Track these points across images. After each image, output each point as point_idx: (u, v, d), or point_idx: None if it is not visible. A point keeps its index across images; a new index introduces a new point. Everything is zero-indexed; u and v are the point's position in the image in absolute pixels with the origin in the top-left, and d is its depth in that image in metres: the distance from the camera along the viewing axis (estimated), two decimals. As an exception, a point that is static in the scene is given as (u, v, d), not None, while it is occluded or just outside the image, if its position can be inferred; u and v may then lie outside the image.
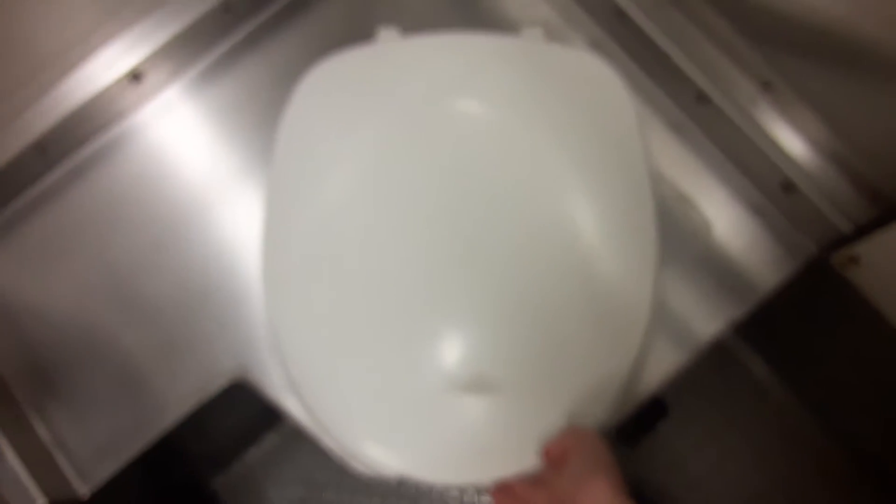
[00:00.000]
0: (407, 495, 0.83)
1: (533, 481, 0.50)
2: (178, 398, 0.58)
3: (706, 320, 0.57)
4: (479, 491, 0.83)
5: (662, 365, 0.56)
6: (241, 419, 0.83)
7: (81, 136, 0.61)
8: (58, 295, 0.60)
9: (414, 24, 0.61)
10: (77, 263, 0.61)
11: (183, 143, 0.63)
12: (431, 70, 0.58)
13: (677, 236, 0.58)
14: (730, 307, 0.57)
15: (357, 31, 0.61)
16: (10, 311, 0.60)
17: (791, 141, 0.55)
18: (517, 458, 0.50)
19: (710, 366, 0.82)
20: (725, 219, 0.59)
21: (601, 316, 0.53)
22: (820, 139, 0.54)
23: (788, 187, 0.55)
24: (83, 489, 0.56)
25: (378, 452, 0.52)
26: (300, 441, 0.84)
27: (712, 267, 0.57)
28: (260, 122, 0.63)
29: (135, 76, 0.59)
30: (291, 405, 0.56)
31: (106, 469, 0.57)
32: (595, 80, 0.57)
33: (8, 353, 0.59)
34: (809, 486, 0.83)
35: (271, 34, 0.65)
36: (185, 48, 0.61)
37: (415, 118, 0.57)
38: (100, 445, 0.57)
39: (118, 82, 0.59)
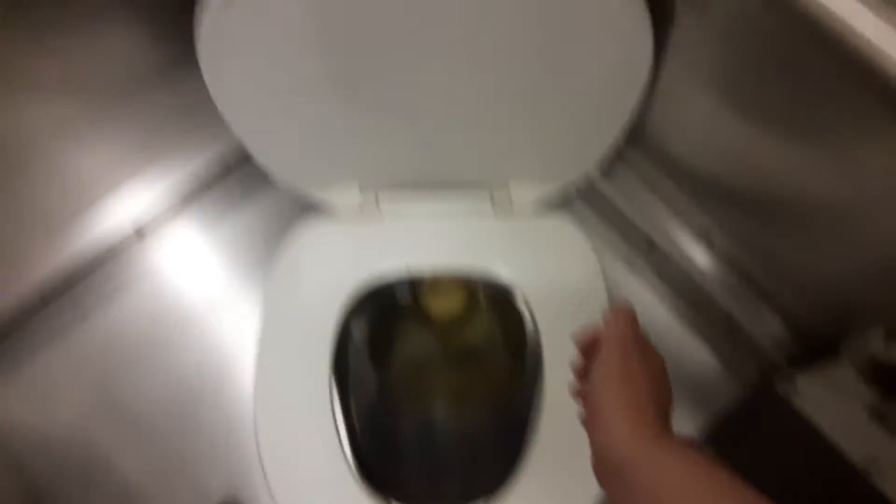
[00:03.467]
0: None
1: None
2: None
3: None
4: None
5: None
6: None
7: (86, 286, 0.66)
8: (57, 424, 0.63)
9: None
10: (79, 393, 0.64)
11: (180, 287, 0.68)
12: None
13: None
14: (682, 427, 0.62)
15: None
16: (10, 445, 0.63)
17: (730, 280, 0.61)
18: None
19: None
20: (676, 346, 0.64)
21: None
22: (755, 279, 0.61)
23: (730, 321, 0.61)
24: None
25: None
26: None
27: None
28: (254, 264, 0.68)
29: (139, 232, 0.64)
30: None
31: None
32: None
33: (9, 486, 0.62)
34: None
35: (265, 183, 0.70)
36: (185, 203, 0.67)
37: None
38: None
39: (124, 239, 0.64)
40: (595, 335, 0.40)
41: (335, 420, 0.59)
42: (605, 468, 0.35)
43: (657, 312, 0.65)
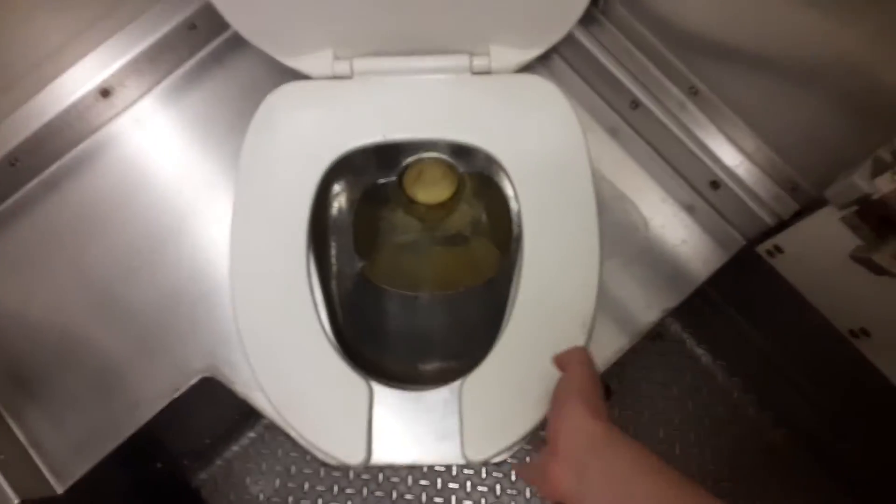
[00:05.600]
0: (384, 488, 0.87)
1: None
2: (152, 396, 0.61)
3: (645, 308, 0.61)
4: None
5: (605, 350, 0.60)
6: (219, 416, 0.85)
7: (53, 149, 0.64)
8: (34, 302, 0.63)
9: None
10: (53, 271, 0.64)
11: (152, 155, 0.66)
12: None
13: (617, 232, 0.62)
14: (667, 296, 0.61)
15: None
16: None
17: (717, 142, 0.59)
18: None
19: (653, 350, 0.87)
20: (661, 215, 0.63)
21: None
22: (743, 140, 0.58)
23: (716, 185, 0.59)
24: (59, 486, 0.59)
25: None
26: (277, 434, 0.87)
27: (649, 259, 0.62)
28: (226, 133, 0.66)
29: (104, 92, 0.62)
30: (259, 399, 0.59)
31: (81, 466, 0.60)
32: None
33: (-12, 363, 0.62)
34: (752, 461, 0.87)
35: (234, 51, 0.68)
36: (153, 64, 0.64)
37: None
38: (75, 444, 0.60)
39: (88, 97, 0.62)
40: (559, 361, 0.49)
41: (313, 298, 0.58)
42: (570, 454, 0.41)
43: (639, 179, 0.63)
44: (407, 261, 0.75)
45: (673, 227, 0.63)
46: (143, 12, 0.61)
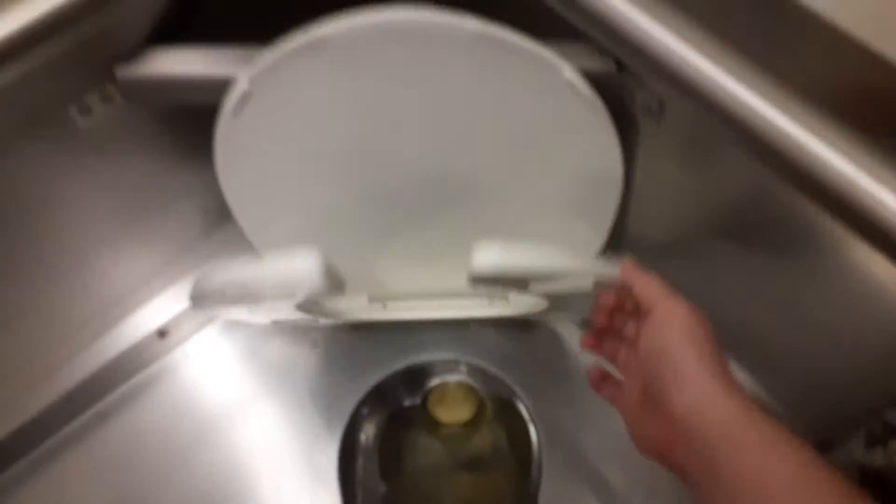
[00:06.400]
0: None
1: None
2: None
3: None
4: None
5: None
6: None
7: (107, 385, 0.69)
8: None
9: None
10: (101, 498, 0.65)
11: (203, 383, 0.71)
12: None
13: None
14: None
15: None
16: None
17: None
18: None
19: None
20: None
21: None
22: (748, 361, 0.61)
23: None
24: None
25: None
26: None
27: None
28: (270, 372, 0.71)
29: (161, 333, 0.69)
30: None
31: None
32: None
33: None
34: None
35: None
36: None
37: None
38: None
39: (147, 339, 0.68)
40: (624, 293, 0.36)
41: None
42: (687, 442, 0.29)
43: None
44: (428, 484, 0.76)
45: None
46: (206, 260, 0.69)
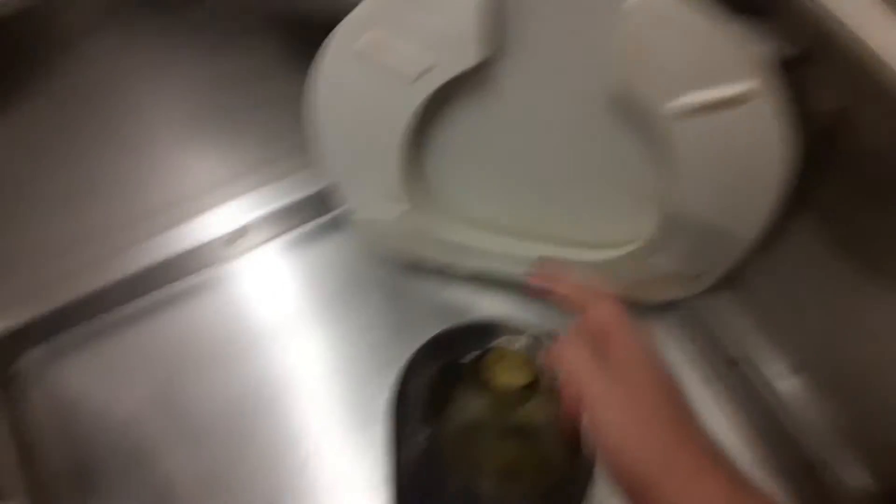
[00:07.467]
0: None
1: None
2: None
3: None
4: None
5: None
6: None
7: (175, 275, 0.70)
8: (120, 407, 0.66)
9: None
10: (144, 383, 0.67)
11: (261, 297, 0.71)
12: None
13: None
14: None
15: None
16: (76, 412, 0.66)
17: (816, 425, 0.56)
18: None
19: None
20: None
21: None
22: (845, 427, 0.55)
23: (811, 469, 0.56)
24: None
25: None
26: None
27: None
28: (326, 296, 0.71)
29: (235, 236, 0.68)
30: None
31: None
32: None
33: (63, 448, 0.65)
34: None
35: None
36: (280, 221, 0.71)
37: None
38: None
39: (219, 238, 0.68)
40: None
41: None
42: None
43: (729, 442, 0.61)
44: (472, 444, 0.74)
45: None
46: (287, 175, 0.67)
